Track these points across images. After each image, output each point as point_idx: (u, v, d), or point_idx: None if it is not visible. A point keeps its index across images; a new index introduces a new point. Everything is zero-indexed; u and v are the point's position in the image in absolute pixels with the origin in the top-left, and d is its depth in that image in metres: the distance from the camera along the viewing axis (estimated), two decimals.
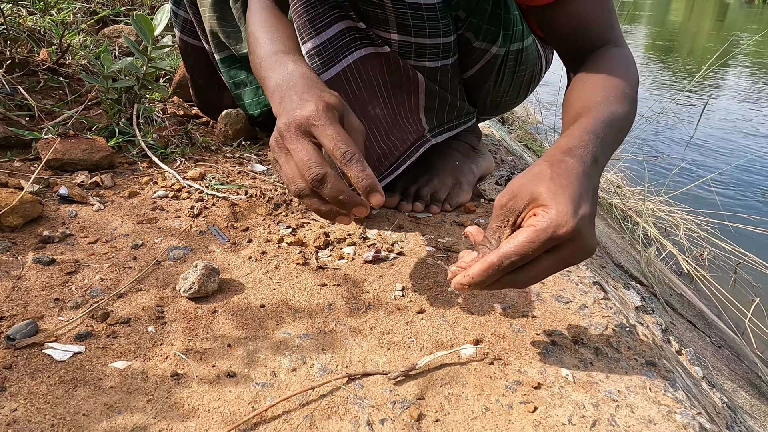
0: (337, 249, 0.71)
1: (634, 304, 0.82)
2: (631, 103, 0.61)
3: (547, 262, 0.46)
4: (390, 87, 0.75)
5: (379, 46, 0.71)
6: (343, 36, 0.69)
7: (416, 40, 0.69)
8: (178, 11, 1.06)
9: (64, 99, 1.00)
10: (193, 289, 0.57)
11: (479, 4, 0.70)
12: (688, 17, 14.08)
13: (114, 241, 0.68)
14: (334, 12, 0.67)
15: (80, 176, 0.81)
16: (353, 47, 0.70)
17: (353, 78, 0.72)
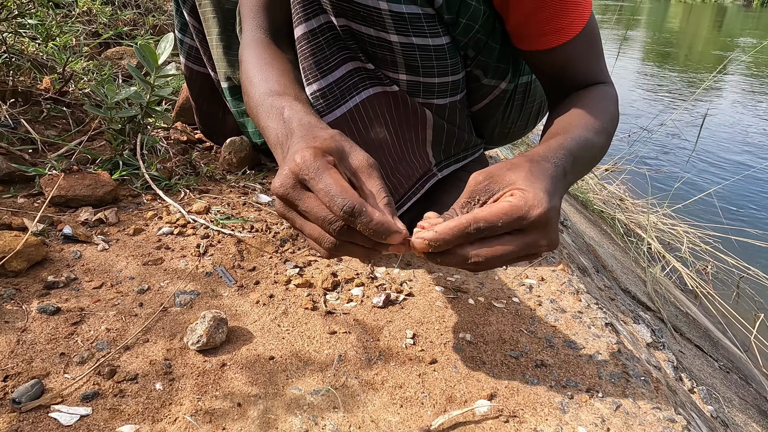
0: (346, 290, 0.70)
1: (645, 340, 0.81)
2: (606, 137, 0.63)
3: (510, 243, 0.45)
4: (397, 123, 0.75)
5: (387, 85, 0.70)
6: (351, 77, 0.68)
7: (425, 79, 0.69)
8: (183, 39, 1.05)
9: (67, 128, 0.99)
10: (201, 341, 0.56)
11: (487, 44, 0.70)
12: (686, 22, 14.12)
13: (120, 285, 0.67)
14: (341, 54, 0.67)
15: (84, 213, 0.80)
16: (361, 87, 0.70)
17: (359, 117, 0.72)
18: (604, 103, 0.67)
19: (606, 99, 0.68)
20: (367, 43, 0.65)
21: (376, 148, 0.73)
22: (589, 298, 0.75)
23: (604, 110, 0.65)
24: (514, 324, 0.66)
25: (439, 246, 0.45)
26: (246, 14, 0.73)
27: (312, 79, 0.67)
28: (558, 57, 0.68)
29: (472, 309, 0.68)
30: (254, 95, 0.61)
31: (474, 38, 0.67)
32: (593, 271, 1.02)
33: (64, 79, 1.04)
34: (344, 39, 0.66)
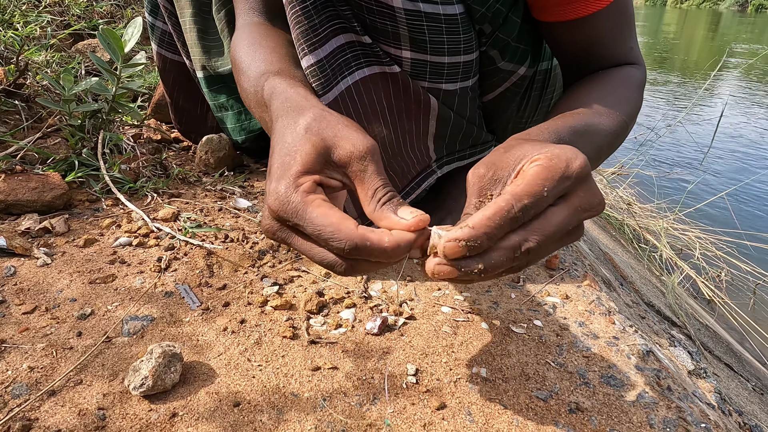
0: (334, 313, 0.58)
1: (686, 367, 0.69)
2: (619, 127, 0.52)
3: (561, 214, 0.35)
4: (396, 113, 0.63)
5: (386, 64, 0.58)
6: (343, 52, 0.56)
7: (432, 58, 0.57)
8: (155, 23, 0.94)
9: (19, 125, 0.87)
10: (147, 384, 0.44)
11: (508, 18, 0.58)
12: (682, 27, 14.13)
13: (57, 309, 0.55)
14: (332, 23, 0.55)
15: (27, 221, 0.68)
16: (354, 66, 0.58)
17: (352, 103, 0.60)
18: (622, 88, 0.56)
19: (626, 83, 0.57)
20: (365, 8, 0.53)
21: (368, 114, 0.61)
22: (623, 320, 0.63)
23: (620, 97, 0.54)
24: (538, 354, 0.54)
25: (480, 244, 0.33)
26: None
27: (303, 52, 0.54)
28: (583, 32, 0.57)
29: (487, 335, 0.56)
30: (244, 84, 0.52)
31: (493, 8, 0.55)
32: (617, 285, 0.91)
33: (20, 69, 0.92)
34: (336, 4, 0.54)
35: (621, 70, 0.59)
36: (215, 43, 0.89)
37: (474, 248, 0.33)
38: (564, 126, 0.46)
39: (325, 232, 0.34)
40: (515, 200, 0.33)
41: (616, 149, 0.55)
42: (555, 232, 0.35)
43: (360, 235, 0.34)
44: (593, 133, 0.48)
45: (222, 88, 0.89)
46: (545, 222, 0.34)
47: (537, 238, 0.34)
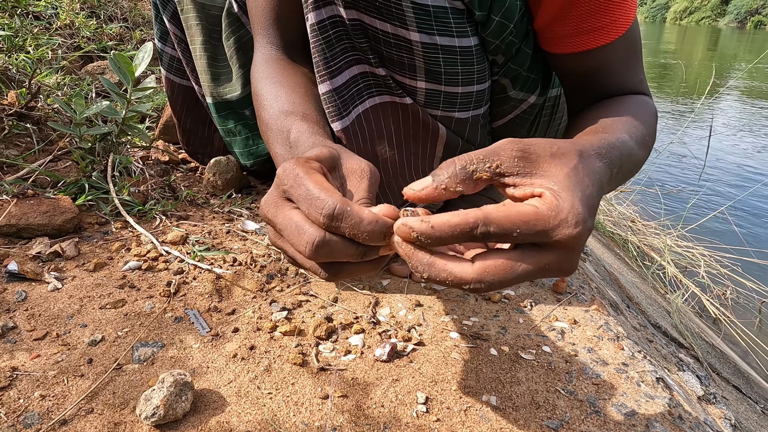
0: (342, 339, 0.58)
1: (696, 393, 0.69)
2: (645, 150, 0.52)
3: (522, 260, 0.33)
4: (403, 137, 0.64)
5: (397, 95, 0.59)
6: (355, 83, 0.58)
7: (447, 88, 0.58)
8: (164, 48, 0.96)
9: (31, 148, 0.89)
10: (158, 414, 0.44)
11: (520, 50, 0.59)
12: (681, 46, 14.23)
13: (67, 335, 0.55)
14: (348, 55, 0.56)
15: (38, 245, 0.68)
16: (366, 95, 0.59)
17: (360, 129, 0.61)
18: (643, 113, 0.56)
19: (645, 110, 0.57)
20: (382, 41, 0.54)
21: (370, 160, 0.62)
22: (632, 345, 0.63)
23: (644, 121, 0.54)
24: (548, 382, 0.54)
25: (430, 242, 0.33)
26: (256, 31, 0.65)
27: (322, 78, 0.56)
28: (592, 62, 0.57)
29: (496, 362, 0.56)
30: (264, 118, 0.55)
31: (506, 40, 0.56)
32: (624, 307, 0.90)
33: (31, 93, 0.94)
34: (353, 37, 0.55)
35: (638, 97, 0.59)
36: (224, 70, 0.90)
37: (423, 243, 0.33)
38: (616, 142, 0.44)
39: (312, 194, 0.35)
40: (484, 221, 0.32)
41: (639, 169, 0.54)
42: (506, 275, 0.33)
43: (343, 200, 0.35)
44: (632, 156, 0.47)
45: (230, 114, 0.91)
46: (501, 259, 0.33)
47: (486, 271, 0.33)
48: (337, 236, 0.35)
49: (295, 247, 0.36)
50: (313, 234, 0.35)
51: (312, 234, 0.35)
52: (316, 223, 0.35)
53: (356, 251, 0.36)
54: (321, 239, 0.35)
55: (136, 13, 1.68)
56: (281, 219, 0.37)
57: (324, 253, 0.35)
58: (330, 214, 0.34)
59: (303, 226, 0.35)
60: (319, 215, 0.34)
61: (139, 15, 1.69)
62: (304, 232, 0.35)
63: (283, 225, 0.36)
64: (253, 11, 0.65)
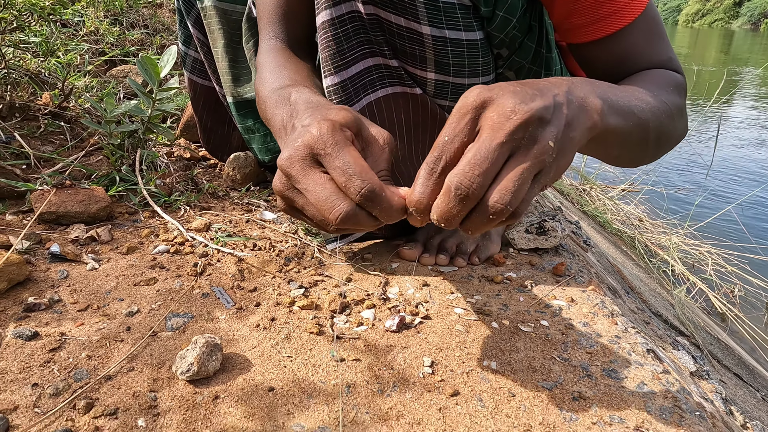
0: (355, 313, 0.64)
1: (688, 369, 0.73)
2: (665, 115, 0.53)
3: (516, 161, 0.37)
4: (412, 126, 0.69)
5: (409, 85, 0.65)
6: (370, 73, 0.63)
7: (454, 79, 0.63)
8: (187, 51, 1.02)
9: (64, 144, 0.95)
10: (192, 370, 0.49)
11: (523, 43, 0.64)
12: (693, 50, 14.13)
13: (107, 308, 0.61)
14: (363, 48, 0.62)
15: (75, 230, 0.75)
16: (379, 85, 0.65)
17: (371, 117, 0.66)
18: (660, 80, 0.57)
19: (664, 78, 0.58)
20: (396, 34, 0.60)
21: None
22: (626, 322, 0.67)
23: (659, 84, 0.56)
24: (545, 350, 0.58)
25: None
26: (263, 26, 0.70)
27: (329, 72, 0.61)
28: (616, 47, 0.59)
29: (497, 333, 0.61)
30: (263, 92, 0.57)
31: (510, 35, 0.61)
32: (623, 293, 0.94)
33: (64, 94, 1.01)
34: (370, 30, 0.60)
35: (662, 71, 0.60)
36: (244, 71, 0.96)
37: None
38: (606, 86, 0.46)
39: (351, 170, 0.38)
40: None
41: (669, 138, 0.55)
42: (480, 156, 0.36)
43: (379, 184, 0.38)
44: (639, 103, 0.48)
45: (249, 113, 0.97)
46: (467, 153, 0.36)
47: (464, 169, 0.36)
48: (364, 211, 0.39)
49: (321, 213, 0.39)
50: (345, 207, 0.38)
51: (343, 207, 0.38)
52: (349, 197, 0.39)
53: (374, 224, 0.40)
54: (351, 213, 0.38)
55: (156, 20, 1.75)
56: (311, 183, 0.39)
57: (349, 224, 0.39)
58: (366, 195, 0.38)
59: (335, 198, 0.39)
60: (356, 193, 0.38)
61: (159, 22, 1.76)
62: (335, 203, 0.39)
63: (312, 189, 0.39)
64: (260, 7, 0.70)
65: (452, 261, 0.77)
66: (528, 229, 0.84)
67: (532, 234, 0.83)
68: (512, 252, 0.83)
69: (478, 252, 0.77)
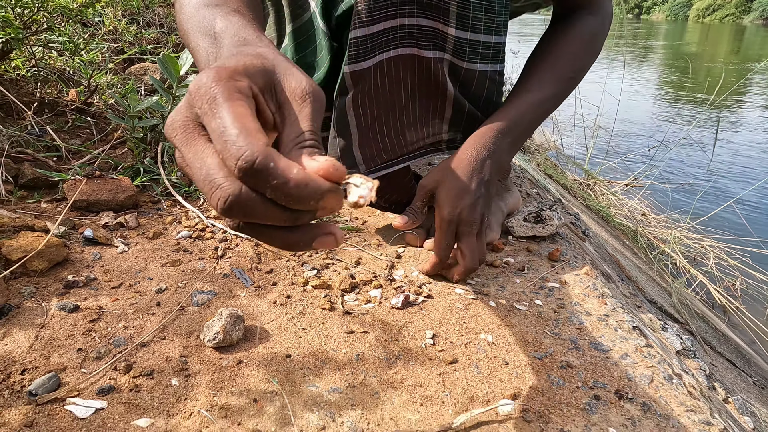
0: (364, 292, 0.69)
1: (674, 347, 0.77)
2: (566, 83, 0.76)
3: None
4: (417, 89, 0.75)
5: (423, 48, 0.71)
6: (386, 34, 0.69)
7: (471, 36, 0.70)
8: None
9: (91, 138, 1.01)
10: (218, 338, 0.55)
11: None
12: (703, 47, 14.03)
13: (138, 285, 0.67)
14: (392, 8, 0.68)
15: (105, 217, 0.81)
16: (392, 45, 0.71)
17: (381, 74, 0.72)
18: (578, 45, 0.77)
19: (577, 40, 0.78)
20: None
21: (387, 107, 0.75)
22: (615, 302, 0.72)
23: (574, 55, 0.77)
24: (537, 326, 0.64)
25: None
26: None
27: (358, 25, 0.67)
28: None
29: (494, 311, 0.66)
30: (185, 8, 0.46)
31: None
32: (617, 279, 0.99)
33: (89, 90, 1.07)
34: None
35: (574, 27, 0.78)
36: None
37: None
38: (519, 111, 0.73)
39: (229, 133, 0.27)
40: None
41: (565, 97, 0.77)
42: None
43: (267, 151, 0.27)
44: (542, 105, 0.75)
45: None
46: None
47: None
48: (259, 195, 0.27)
49: (206, 198, 0.29)
50: (227, 190, 0.27)
51: (225, 190, 0.27)
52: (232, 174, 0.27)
53: (283, 216, 0.28)
54: (235, 198, 0.27)
55: (171, 19, 1.81)
56: (191, 155, 0.29)
57: (240, 214, 0.28)
58: (247, 167, 0.26)
59: (215, 176, 0.27)
60: (234, 165, 0.27)
61: (174, 20, 1.82)
62: (216, 184, 0.27)
63: (193, 163, 0.29)
64: None
65: None
66: (526, 217, 0.89)
67: (530, 222, 0.88)
68: (511, 239, 0.88)
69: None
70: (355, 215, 0.93)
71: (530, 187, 1.26)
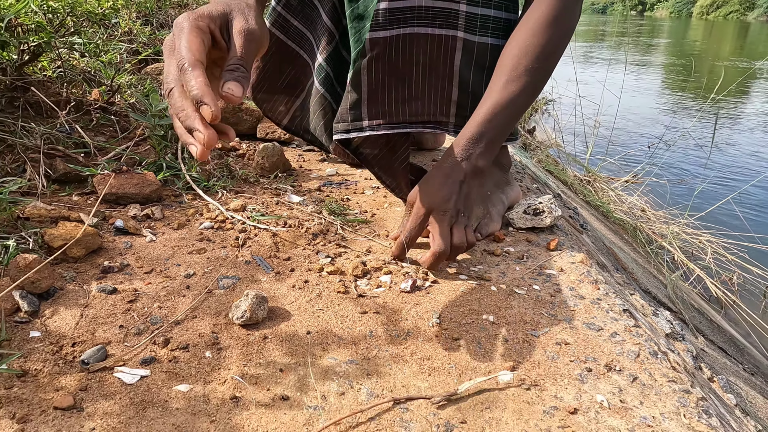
0: (375, 278, 0.75)
1: (663, 331, 0.83)
2: (535, 74, 0.75)
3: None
4: (428, 68, 0.83)
5: (437, 27, 0.79)
6: (412, 11, 0.78)
7: (482, 11, 0.79)
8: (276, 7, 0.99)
9: (114, 135, 1.07)
10: (245, 316, 0.61)
11: None
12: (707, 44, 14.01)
13: (167, 271, 0.72)
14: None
15: (133, 209, 0.87)
16: (409, 23, 0.79)
17: (396, 47, 0.80)
18: (542, 32, 0.75)
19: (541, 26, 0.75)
20: None
21: (397, 77, 0.83)
22: (608, 288, 0.78)
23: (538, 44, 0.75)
24: (535, 308, 0.69)
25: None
26: None
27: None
28: None
29: (495, 295, 0.72)
30: None
31: None
32: (612, 269, 1.05)
33: (111, 90, 1.13)
34: None
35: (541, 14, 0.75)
36: None
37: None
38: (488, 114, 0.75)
39: (179, 47, 0.47)
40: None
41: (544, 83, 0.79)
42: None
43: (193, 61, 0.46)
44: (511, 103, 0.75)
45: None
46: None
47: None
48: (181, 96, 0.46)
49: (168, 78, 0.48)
50: (170, 83, 0.47)
51: (169, 83, 0.47)
52: (175, 76, 0.47)
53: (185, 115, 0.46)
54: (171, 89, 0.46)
55: None
56: (167, 61, 0.49)
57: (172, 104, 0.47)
58: (180, 65, 0.46)
59: (169, 74, 0.47)
60: (176, 67, 0.46)
61: None
62: (167, 79, 0.47)
63: (166, 66, 0.48)
64: None
65: None
66: (525, 210, 0.94)
67: (529, 214, 0.94)
68: (512, 230, 0.94)
69: (480, 228, 0.88)
70: (364, 208, 0.99)
71: (531, 182, 1.32)
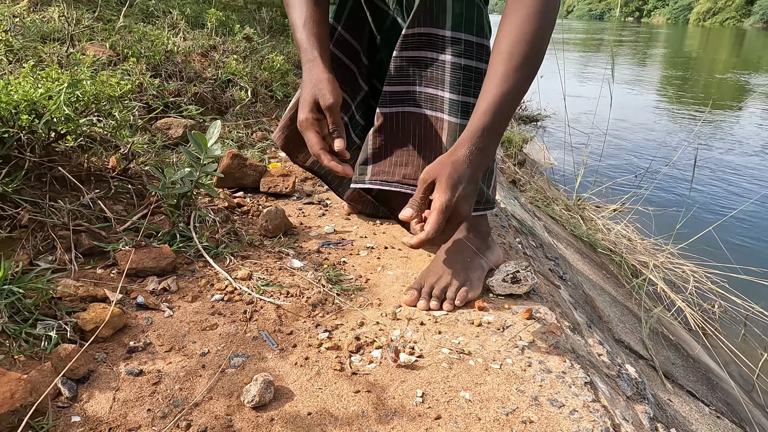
0: (367, 353, 0.85)
1: (625, 394, 0.93)
2: (521, 72, 0.85)
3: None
4: (423, 140, 1.05)
5: (428, 109, 1.03)
6: (408, 94, 1.04)
7: (462, 98, 0.99)
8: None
9: (131, 203, 1.17)
10: (255, 400, 0.71)
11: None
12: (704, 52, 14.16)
13: (185, 349, 0.82)
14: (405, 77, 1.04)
15: (151, 283, 0.97)
16: (407, 103, 1.05)
17: (396, 121, 1.07)
18: (524, 30, 0.84)
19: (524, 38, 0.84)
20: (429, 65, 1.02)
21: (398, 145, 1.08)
22: (574, 359, 0.88)
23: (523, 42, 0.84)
24: (506, 384, 0.80)
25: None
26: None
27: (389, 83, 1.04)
28: None
29: (472, 370, 0.82)
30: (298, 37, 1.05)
31: None
32: (585, 327, 1.15)
33: (127, 159, 1.23)
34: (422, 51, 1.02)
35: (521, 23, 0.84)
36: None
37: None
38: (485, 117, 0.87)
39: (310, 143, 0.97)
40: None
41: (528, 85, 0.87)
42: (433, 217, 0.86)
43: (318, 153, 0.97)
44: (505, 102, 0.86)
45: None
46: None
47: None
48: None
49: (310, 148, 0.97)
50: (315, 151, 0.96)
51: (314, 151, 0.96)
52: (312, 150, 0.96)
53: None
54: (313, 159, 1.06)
55: (190, 69, 1.97)
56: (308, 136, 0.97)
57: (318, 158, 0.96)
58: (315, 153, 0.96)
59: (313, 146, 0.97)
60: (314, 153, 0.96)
61: (192, 70, 1.98)
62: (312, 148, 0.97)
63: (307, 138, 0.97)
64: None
65: (442, 305, 0.98)
66: (504, 278, 1.04)
67: (508, 282, 1.04)
68: (491, 296, 1.04)
69: (459, 296, 0.98)
70: (359, 272, 1.09)
71: (514, 236, 1.42)
